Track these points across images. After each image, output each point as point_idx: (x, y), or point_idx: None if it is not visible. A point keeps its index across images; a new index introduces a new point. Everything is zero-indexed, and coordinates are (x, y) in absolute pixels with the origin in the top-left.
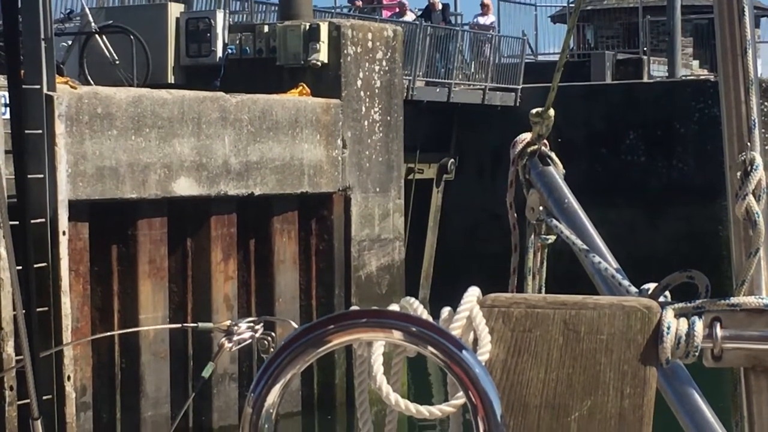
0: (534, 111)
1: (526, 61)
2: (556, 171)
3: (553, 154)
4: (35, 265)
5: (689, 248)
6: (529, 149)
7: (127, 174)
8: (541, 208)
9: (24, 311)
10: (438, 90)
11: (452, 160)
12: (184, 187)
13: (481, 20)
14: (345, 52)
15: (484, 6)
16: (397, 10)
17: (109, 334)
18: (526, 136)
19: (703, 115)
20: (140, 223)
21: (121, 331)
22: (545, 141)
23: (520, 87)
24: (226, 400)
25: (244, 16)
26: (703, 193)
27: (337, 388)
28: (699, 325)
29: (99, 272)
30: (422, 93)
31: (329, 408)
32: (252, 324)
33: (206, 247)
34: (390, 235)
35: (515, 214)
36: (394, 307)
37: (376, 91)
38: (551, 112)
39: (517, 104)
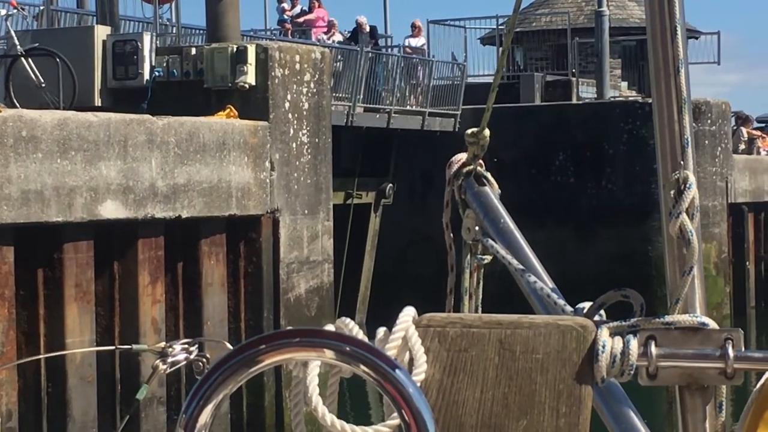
0: (469, 131)
1: (457, 83)
2: (492, 191)
3: (488, 175)
4: None
5: (619, 268)
6: (465, 169)
7: (53, 197)
8: (477, 228)
9: None
10: (378, 116)
11: (390, 185)
12: (111, 210)
13: (412, 42)
14: (272, 74)
15: (414, 27)
16: (326, 29)
17: (35, 357)
18: (462, 157)
19: (632, 136)
20: (66, 246)
21: (48, 355)
22: (481, 161)
23: (459, 112)
24: (155, 424)
25: (172, 38)
26: (632, 214)
27: (266, 411)
28: (634, 344)
29: (25, 296)
30: (362, 119)
31: (259, 431)
32: (186, 346)
33: (133, 270)
34: (319, 258)
35: (452, 235)
36: (330, 327)
37: (304, 113)
38: (486, 132)
39: (456, 129)
